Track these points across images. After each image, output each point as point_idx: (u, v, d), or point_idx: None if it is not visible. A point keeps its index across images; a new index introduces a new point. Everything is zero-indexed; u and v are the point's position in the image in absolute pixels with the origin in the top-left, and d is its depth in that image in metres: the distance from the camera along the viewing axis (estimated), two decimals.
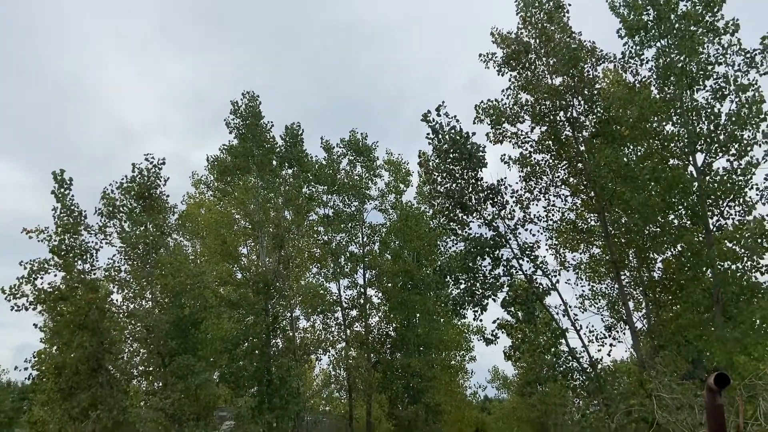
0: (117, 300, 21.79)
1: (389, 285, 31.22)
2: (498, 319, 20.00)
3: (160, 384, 21.55)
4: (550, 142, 20.14)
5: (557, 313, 19.60)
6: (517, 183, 20.54)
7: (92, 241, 21.03)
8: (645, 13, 18.54)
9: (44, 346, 20.26)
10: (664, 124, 18.56)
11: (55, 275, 20.17)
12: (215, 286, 26.97)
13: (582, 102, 19.56)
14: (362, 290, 31.89)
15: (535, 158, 20.49)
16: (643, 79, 19.14)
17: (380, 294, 32.18)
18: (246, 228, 29.61)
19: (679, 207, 18.34)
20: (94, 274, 20.94)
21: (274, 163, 28.33)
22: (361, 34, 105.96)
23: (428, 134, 19.28)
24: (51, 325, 20.51)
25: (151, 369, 21.85)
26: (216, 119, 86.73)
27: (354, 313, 32.03)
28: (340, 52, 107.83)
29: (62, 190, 20.67)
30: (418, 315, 30.80)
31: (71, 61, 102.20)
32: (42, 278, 19.89)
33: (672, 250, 19.11)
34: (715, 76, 17.75)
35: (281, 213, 27.97)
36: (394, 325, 31.43)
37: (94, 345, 19.49)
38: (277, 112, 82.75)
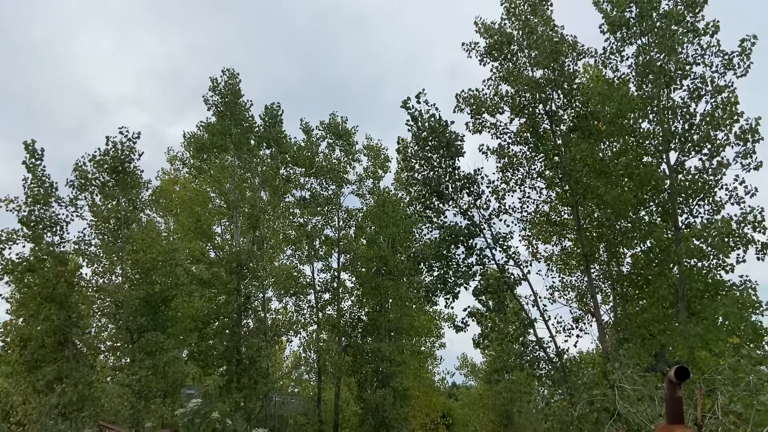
0: (86, 274, 21.56)
1: (363, 270, 31.29)
2: (469, 307, 20.24)
3: (128, 360, 21.42)
4: (528, 135, 20.27)
5: (527, 304, 19.91)
6: (493, 173, 20.76)
7: (63, 214, 20.72)
8: (627, 9, 18.65)
9: (10, 318, 20.02)
10: (640, 121, 18.77)
11: (24, 246, 19.89)
12: (187, 263, 26.77)
13: (561, 96, 19.70)
14: (336, 274, 31.93)
15: (512, 150, 20.65)
16: (623, 76, 19.31)
17: (354, 278, 32.27)
18: (221, 207, 29.37)
19: (651, 203, 18.63)
20: (64, 246, 20.64)
21: (252, 142, 28.05)
22: (343, 17, 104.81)
23: (407, 121, 19.32)
24: (18, 296, 20.23)
25: (118, 345, 21.69)
26: (193, 95, 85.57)
27: (327, 296, 32.10)
28: (321, 34, 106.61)
29: (33, 160, 20.28)
30: (390, 300, 30.97)
31: (44, 29, 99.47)
32: (10, 249, 19.60)
33: (641, 245, 19.44)
34: (692, 76, 17.94)
35: (257, 193, 27.79)
36: (366, 309, 31.57)
37: (62, 318, 19.26)
38: (256, 91, 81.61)
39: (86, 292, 21.22)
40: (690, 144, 17.77)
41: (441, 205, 19.83)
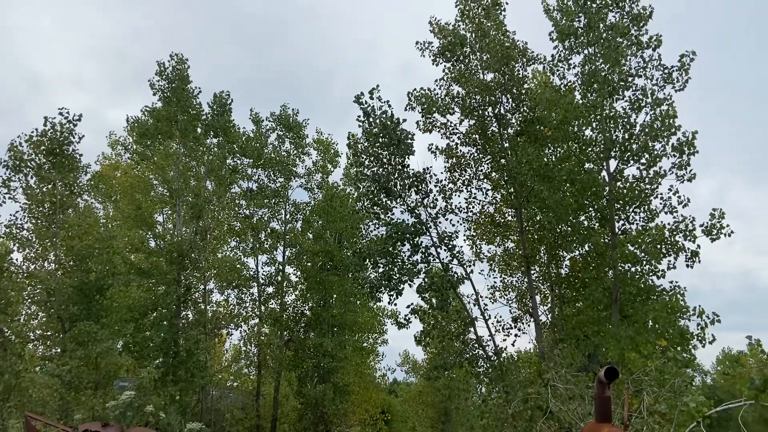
0: (17, 259, 20.67)
1: (308, 264, 31.09)
2: (412, 304, 20.44)
3: (59, 350, 20.64)
4: (477, 136, 20.62)
5: (469, 302, 20.23)
6: (442, 173, 21.02)
7: None
8: (576, 19, 19.15)
9: None
10: (584, 128, 19.32)
11: None
12: (126, 252, 25.98)
13: (510, 100, 20.11)
14: (281, 267, 31.64)
15: (461, 150, 20.96)
16: (569, 84, 19.83)
17: (299, 272, 32.02)
18: (163, 195, 28.60)
19: (590, 209, 19.20)
20: None
21: (199, 130, 27.45)
22: (295, 6, 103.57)
23: (359, 117, 19.30)
24: None
25: (49, 333, 20.87)
26: (137, 79, 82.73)
27: (270, 289, 31.74)
28: (273, 23, 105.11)
29: None
30: (335, 296, 30.88)
31: None
32: None
33: (580, 249, 20.03)
34: (634, 88, 18.53)
35: (202, 182, 27.21)
36: (310, 304, 31.38)
37: None
38: (203, 78, 79.67)
39: (16, 278, 20.33)
40: (629, 153, 18.39)
41: (389, 202, 19.93)
